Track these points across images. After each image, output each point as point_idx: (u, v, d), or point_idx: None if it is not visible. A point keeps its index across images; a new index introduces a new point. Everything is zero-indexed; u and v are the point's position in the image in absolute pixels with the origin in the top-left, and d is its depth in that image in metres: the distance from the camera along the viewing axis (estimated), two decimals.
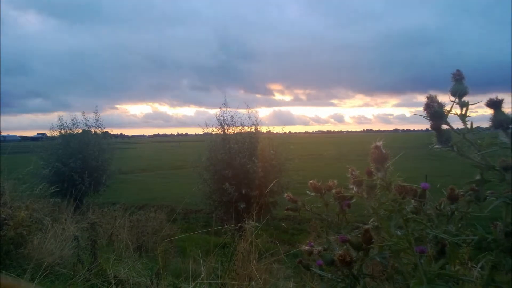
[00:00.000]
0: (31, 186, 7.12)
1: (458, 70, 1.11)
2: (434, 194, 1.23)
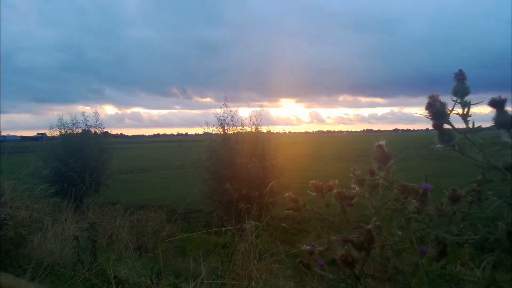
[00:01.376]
0: (31, 186, 7.12)
1: (460, 70, 1.10)
2: (435, 194, 1.23)
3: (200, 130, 12.97)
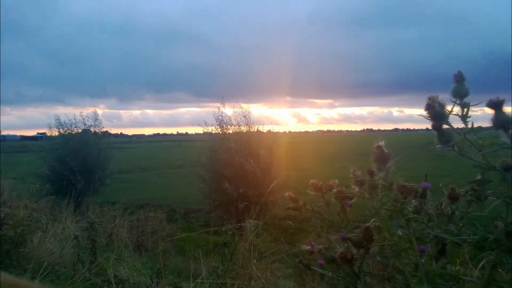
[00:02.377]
0: (30, 185, 7.13)
1: (459, 71, 1.11)
2: (435, 194, 1.23)
3: (200, 130, 12.98)
